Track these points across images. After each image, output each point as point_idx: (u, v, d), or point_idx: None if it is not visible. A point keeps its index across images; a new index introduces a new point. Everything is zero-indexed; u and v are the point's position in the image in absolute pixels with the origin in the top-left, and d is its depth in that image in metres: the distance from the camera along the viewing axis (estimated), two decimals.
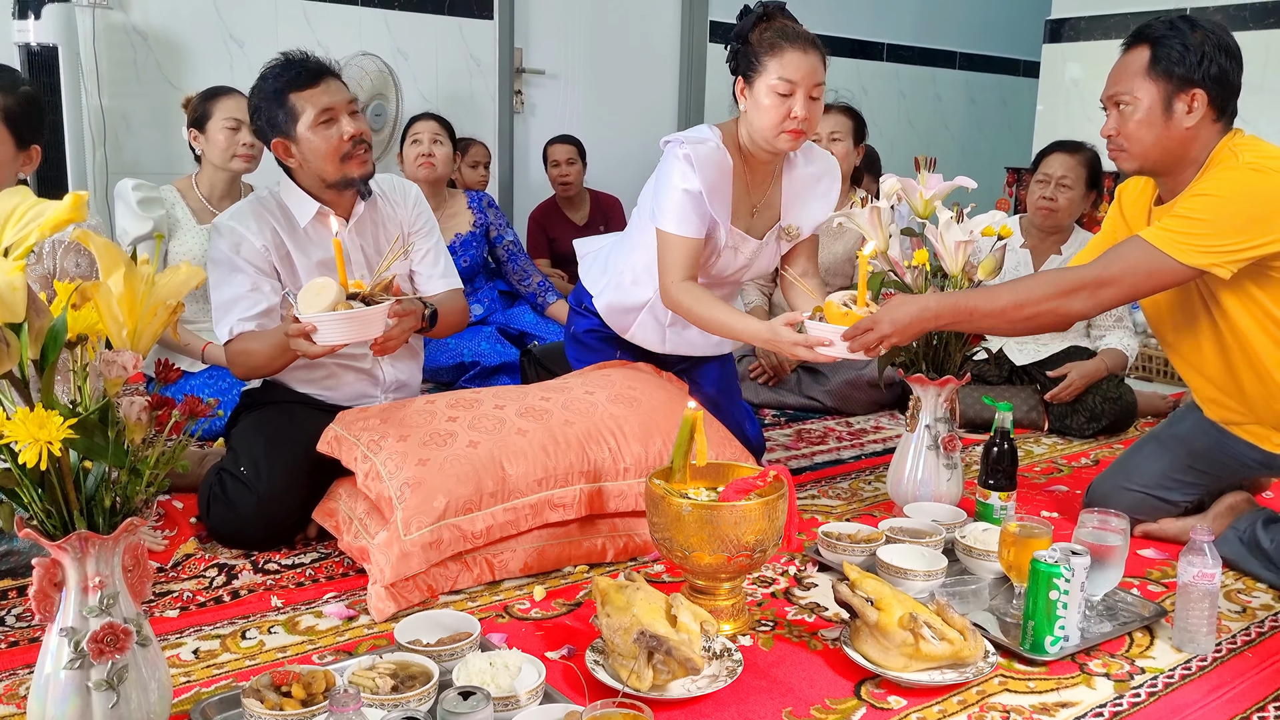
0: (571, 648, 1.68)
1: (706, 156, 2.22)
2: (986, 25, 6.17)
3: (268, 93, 2.16)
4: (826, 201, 2.40)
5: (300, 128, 2.15)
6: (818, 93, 2.18)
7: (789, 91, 2.14)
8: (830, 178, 2.42)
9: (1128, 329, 3.29)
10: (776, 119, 2.16)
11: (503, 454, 1.96)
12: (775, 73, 2.14)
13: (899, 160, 5.46)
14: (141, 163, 3.57)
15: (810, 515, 2.36)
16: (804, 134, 2.20)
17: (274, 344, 2.08)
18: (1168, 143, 1.94)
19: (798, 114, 2.14)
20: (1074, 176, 3.21)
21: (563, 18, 4.68)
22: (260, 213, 2.20)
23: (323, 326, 1.91)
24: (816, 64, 2.17)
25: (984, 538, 1.95)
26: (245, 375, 2.24)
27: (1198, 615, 1.70)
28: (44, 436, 1.09)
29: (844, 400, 3.36)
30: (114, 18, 3.50)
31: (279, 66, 2.18)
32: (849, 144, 3.38)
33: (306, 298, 1.91)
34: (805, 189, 2.39)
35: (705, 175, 2.21)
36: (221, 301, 2.18)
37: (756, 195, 2.35)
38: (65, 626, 1.21)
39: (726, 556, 1.67)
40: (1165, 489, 2.22)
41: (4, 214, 1.11)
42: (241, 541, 2.08)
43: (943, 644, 1.56)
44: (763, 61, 2.17)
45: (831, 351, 2.00)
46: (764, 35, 2.19)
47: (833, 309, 2.01)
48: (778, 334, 2.08)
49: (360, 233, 2.29)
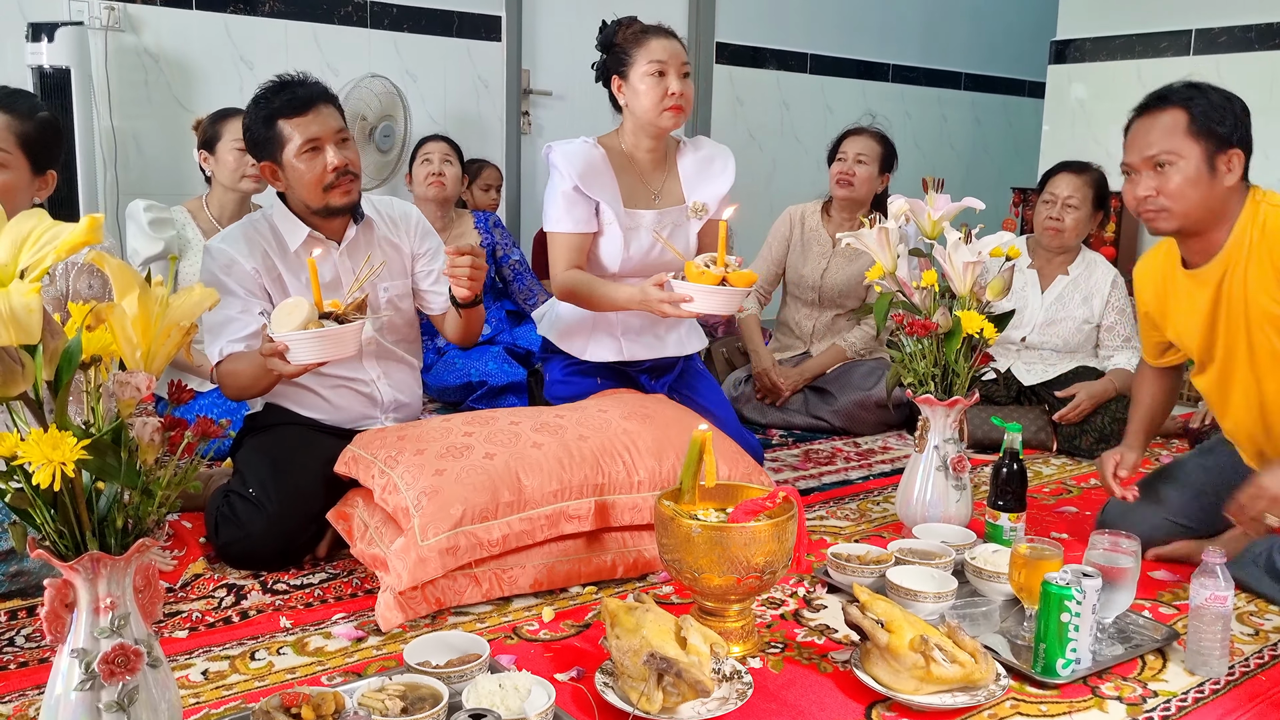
0: (581, 669, 1.68)
1: (573, 151, 2.47)
2: (992, 46, 6.20)
3: (258, 115, 2.17)
4: (725, 177, 2.61)
5: (286, 154, 2.16)
6: (686, 70, 2.44)
7: (662, 71, 2.40)
8: (723, 157, 2.63)
9: (1136, 349, 3.28)
10: (656, 98, 2.41)
11: (519, 466, 1.97)
12: (646, 59, 2.41)
13: (905, 181, 5.48)
14: (152, 183, 3.59)
15: (818, 536, 2.36)
16: (683, 110, 2.44)
17: (257, 364, 2.06)
18: (1211, 202, 1.95)
19: (674, 90, 2.40)
20: (1080, 197, 3.21)
21: (570, 39, 4.71)
22: (252, 235, 2.21)
23: (294, 345, 1.90)
24: (679, 47, 2.44)
25: (994, 559, 1.94)
26: (235, 396, 2.23)
27: (1210, 638, 1.69)
28: (57, 457, 1.09)
29: (852, 420, 3.36)
30: (126, 40, 3.53)
31: (272, 89, 2.18)
32: (874, 169, 3.39)
33: (279, 317, 1.91)
34: (701, 170, 2.61)
35: (574, 167, 2.44)
36: (213, 323, 2.18)
37: (654, 183, 2.57)
38: (76, 647, 1.21)
39: (736, 578, 1.67)
40: (1186, 516, 2.21)
41: (20, 236, 1.11)
42: (252, 562, 2.08)
43: (954, 667, 1.56)
44: (633, 55, 2.43)
45: (692, 307, 2.17)
46: (627, 35, 2.46)
47: (692, 269, 2.17)
48: (647, 294, 2.29)
49: (353, 255, 2.29)
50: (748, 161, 5.26)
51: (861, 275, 3.44)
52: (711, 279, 2.13)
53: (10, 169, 1.91)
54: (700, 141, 2.67)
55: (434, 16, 4.20)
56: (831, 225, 3.53)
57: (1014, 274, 2.26)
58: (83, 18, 3.39)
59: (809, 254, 3.53)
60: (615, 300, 2.42)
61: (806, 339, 3.58)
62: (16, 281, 1.09)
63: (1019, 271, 3.24)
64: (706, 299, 2.14)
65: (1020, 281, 3.27)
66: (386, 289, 2.33)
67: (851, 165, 3.38)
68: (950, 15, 5.97)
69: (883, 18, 5.68)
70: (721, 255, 2.16)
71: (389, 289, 2.34)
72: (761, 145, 5.32)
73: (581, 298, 2.48)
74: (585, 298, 2.48)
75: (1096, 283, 3.28)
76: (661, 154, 2.58)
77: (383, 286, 2.33)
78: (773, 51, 5.29)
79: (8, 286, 1.09)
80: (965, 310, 2.18)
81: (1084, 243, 3.37)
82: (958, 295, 2.23)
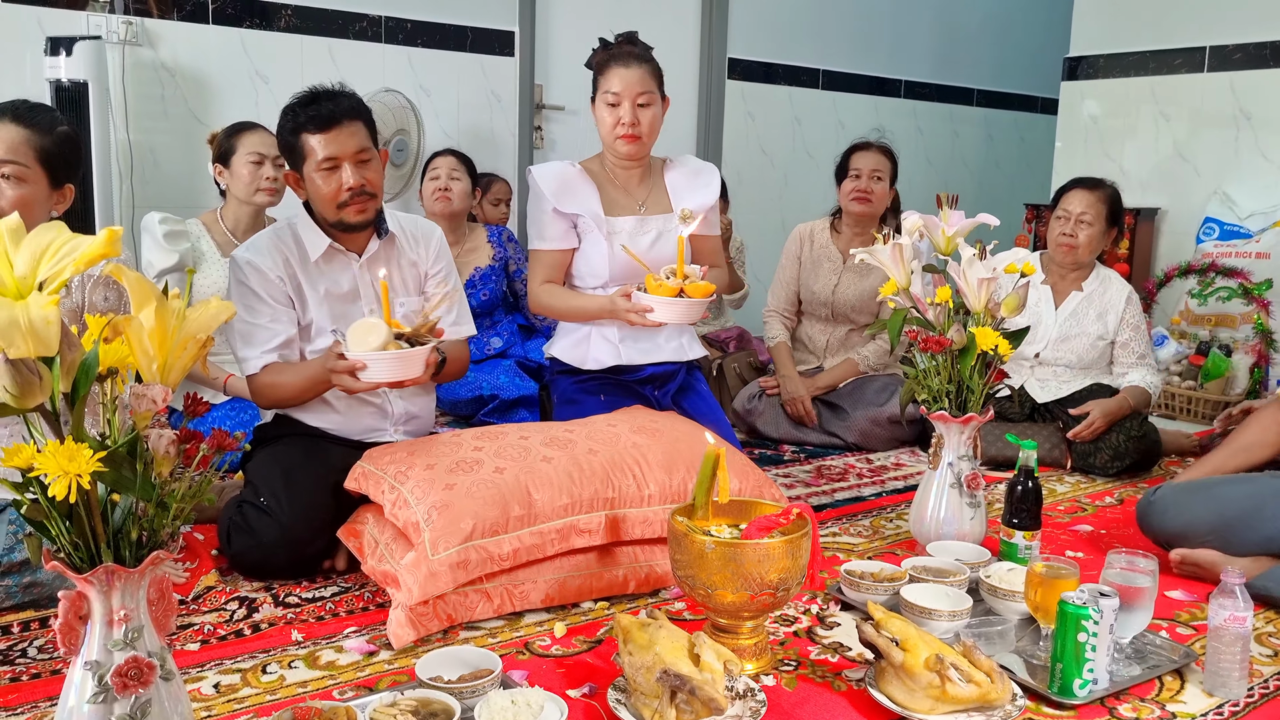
0: (593, 686, 1.67)
1: (548, 169, 2.59)
2: (1004, 62, 6.19)
3: (286, 125, 2.22)
4: (711, 189, 2.68)
5: (307, 168, 2.21)
6: (644, 99, 2.51)
7: (616, 102, 2.50)
8: (709, 172, 2.71)
9: (1150, 366, 3.26)
10: (609, 125, 2.53)
11: (529, 480, 1.97)
12: (604, 87, 2.52)
13: (917, 197, 5.47)
14: (167, 196, 3.61)
15: (832, 553, 2.34)
16: (637, 138, 2.53)
17: (308, 376, 2.15)
18: None
19: (625, 119, 2.50)
20: (1094, 213, 3.20)
21: (583, 54, 4.69)
22: (276, 244, 2.25)
23: (372, 365, 1.96)
24: (640, 75, 2.51)
25: (1009, 578, 1.92)
26: (271, 406, 2.27)
27: (1229, 659, 1.68)
28: (73, 469, 1.09)
29: (865, 437, 3.34)
30: (143, 55, 3.56)
31: (303, 100, 2.21)
32: (887, 184, 3.43)
33: (357, 336, 1.96)
34: (687, 182, 2.68)
35: (549, 185, 2.54)
36: (243, 333, 2.21)
37: (639, 194, 2.64)
38: (90, 660, 1.21)
39: (750, 595, 1.66)
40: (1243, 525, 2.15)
41: (39, 249, 1.12)
42: (266, 571, 2.08)
43: (970, 686, 1.54)
44: (597, 83, 2.55)
45: (653, 317, 2.28)
46: (597, 60, 2.57)
47: (650, 280, 2.27)
48: (615, 304, 2.38)
49: (372, 268, 2.31)
50: (759, 177, 5.27)
51: (873, 290, 3.44)
52: (669, 290, 2.24)
53: (29, 183, 1.93)
54: (687, 159, 2.75)
55: (448, 32, 4.22)
56: (841, 241, 3.53)
57: (1028, 290, 2.25)
58: (100, 32, 3.41)
59: (819, 270, 3.53)
60: (586, 309, 2.53)
61: (820, 354, 3.57)
62: (35, 294, 1.10)
63: (1033, 288, 3.23)
64: (665, 309, 2.26)
65: (1034, 298, 3.26)
66: (403, 304, 2.35)
67: (868, 183, 3.39)
68: (963, 31, 5.98)
69: (895, 34, 5.68)
70: (680, 267, 2.24)
71: (405, 304, 2.36)
72: (773, 160, 5.32)
73: (556, 309, 2.60)
74: (559, 309, 2.59)
75: (1111, 299, 3.26)
76: (641, 171, 2.64)
77: (398, 302, 2.34)
78: (785, 67, 5.30)
79: (26, 299, 1.09)
80: (979, 326, 2.18)
81: (1098, 259, 3.36)
82: (972, 311, 2.22)
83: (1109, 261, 3.48)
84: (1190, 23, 4.50)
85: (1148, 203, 4.59)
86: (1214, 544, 2.18)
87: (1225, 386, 3.93)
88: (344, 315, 2.29)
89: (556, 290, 2.58)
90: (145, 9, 3.54)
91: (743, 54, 5.12)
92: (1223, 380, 3.93)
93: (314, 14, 3.88)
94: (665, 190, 2.66)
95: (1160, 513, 2.28)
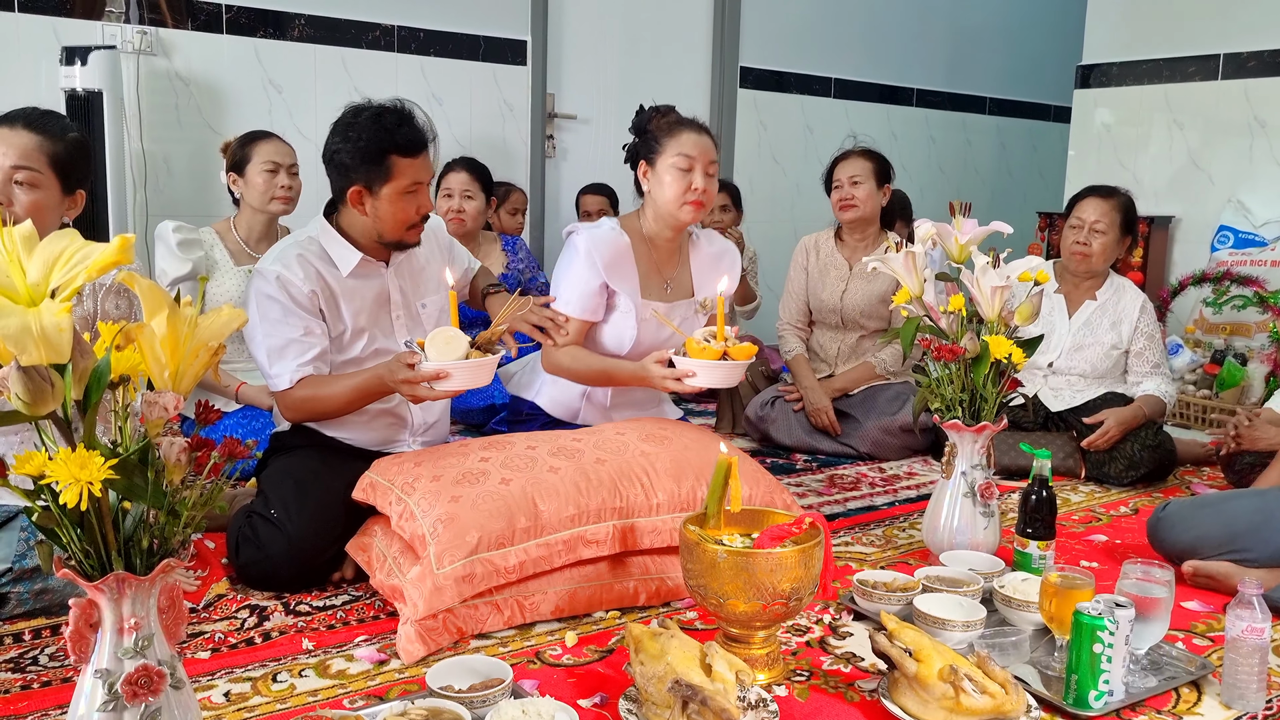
0: (604, 695, 1.66)
1: (601, 237, 2.47)
2: (1017, 71, 6.18)
3: (364, 141, 2.13)
4: (732, 275, 2.64)
5: (387, 188, 2.16)
6: (713, 169, 2.44)
7: (689, 167, 2.40)
8: (730, 256, 2.67)
9: (1165, 375, 3.24)
10: (679, 191, 2.41)
11: (535, 491, 1.96)
12: (675, 150, 2.41)
13: (930, 205, 5.47)
14: (181, 205, 3.63)
15: (844, 562, 2.33)
16: (704, 205, 2.44)
17: (355, 387, 2.14)
18: None
19: (698, 186, 2.40)
20: (1108, 221, 3.18)
21: (595, 63, 4.74)
22: (304, 258, 2.20)
23: (456, 373, 1.98)
24: (709, 144, 2.45)
25: (1023, 588, 1.91)
26: (306, 419, 2.25)
27: (1247, 671, 1.66)
28: (85, 477, 1.09)
29: (878, 446, 3.33)
30: (157, 64, 3.58)
31: (393, 119, 2.16)
32: (871, 185, 3.41)
33: (438, 346, 1.98)
34: (711, 265, 2.63)
35: (602, 255, 2.45)
36: (274, 346, 2.16)
37: (667, 273, 2.58)
38: (100, 668, 1.20)
39: (762, 604, 1.65)
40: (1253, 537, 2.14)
41: (52, 256, 1.12)
42: (271, 583, 2.07)
43: (984, 698, 1.53)
44: (663, 144, 2.43)
45: (695, 382, 2.22)
46: (661, 123, 2.47)
47: (692, 344, 2.20)
48: (648, 370, 2.33)
49: (399, 274, 2.33)
50: (771, 186, 5.27)
51: (881, 295, 3.43)
52: (713, 354, 2.18)
53: (42, 189, 1.94)
54: (712, 236, 2.70)
55: (460, 41, 4.24)
56: (846, 249, 3.54)
57: (1042, 298, 2.24)
58: (115, 42, 3.44)
59: (827, 279, 3.53)
60: (616, 375, 2.46)
61: (832, 362, 3.57)
62: (47, 301, 1.10)
63: (1046, 296, 3.21)
64: (709, 373, 2.20)
65: (1047, 307, 3.24)
66: (425, 305, 2.36)
67: (848, 189, 3.40)
68: (975, 40, 5.97)
69: (906, 42, 5.68)
70: (720, 330, 2.19)
71: (427, 305, 2.37)
72: (785, 170, 5.32)
73: (576, 372, 2.51)
74: (581, 373, 2.50)
75: (1125, 308, 3.24)
76: (677, 244, 2.59)
77: (420, 304, 2.36)
78: (796, 76, 5.30)
79: (39, 306, 1.09)
80: (993, 335, 2.16)
81: (1112, 267, 3.34)
82: (985, 320, 2.21)
83: (1123, 270, 3.46)
84: (1204, 30, 4.48)
85: (1162, 211, 4.57)
86: (1225, 558, 2.16)
87: (1240, 395, 3.90)
88: (376, 324, 2.28)
89: (580, 353, 2.50)
90: (160, 19, 3.56)
91: (755, 63, 5.13)
92: (1238, 389, 3.90)
93: (327, 24, 3.90)
94: (690, 273, 2.62)
95: (1169, 529, 2.27)
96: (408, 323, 2.34)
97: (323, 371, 2.20)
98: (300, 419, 2.25)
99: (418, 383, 2.01)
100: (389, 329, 2.31)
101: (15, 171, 1.91)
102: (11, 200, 1.91)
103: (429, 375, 1.99)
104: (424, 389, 2.02)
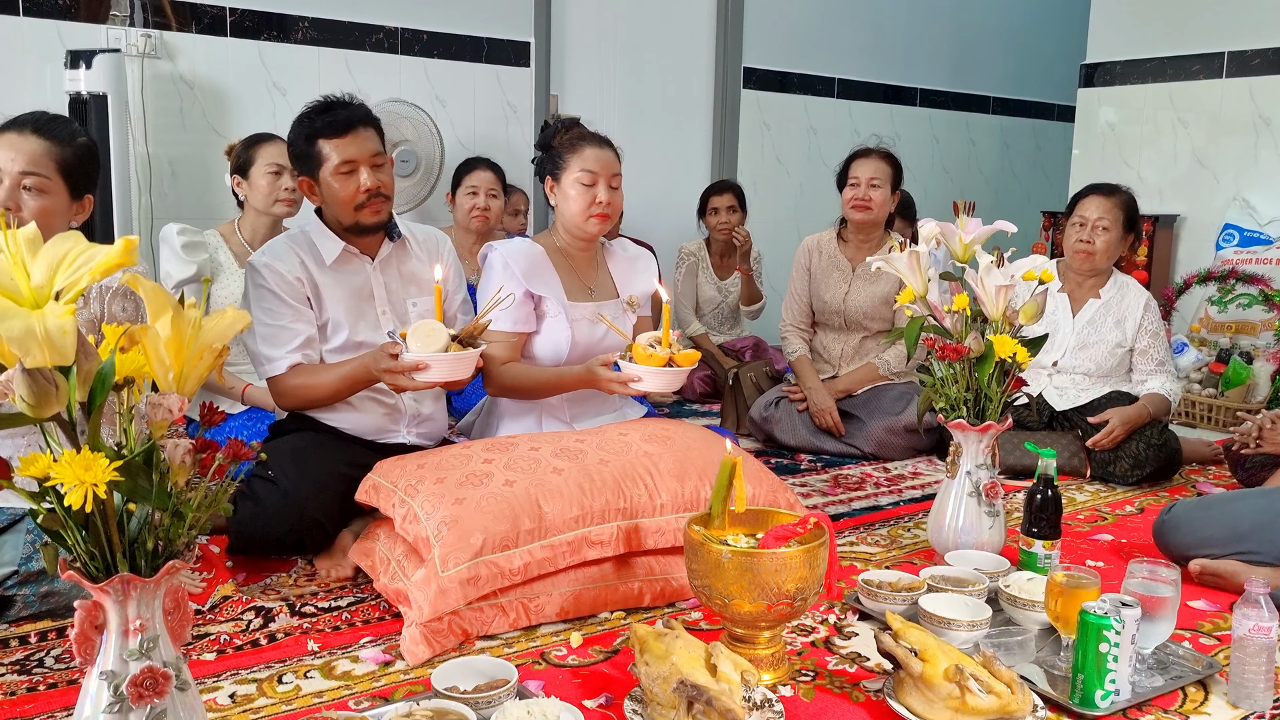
0: (609, 696, 1.66)
1: (515, 248, 2.49)
2: (1020, 70, 6.17)
3: (301, 132, 2.28)
4: (650, 274, 2.69)
5: (323, 172, 2.27)
6: (616, 182, 2.48)
7: (592, 181, 2.43)
8: (645, 259, 2.71)
9: (1170, 373, 3.23)
10: (584, 205, 2.44)
11: (539, 492, 1.96)
12: (578, 166, 2.44)
13: (933, 205, 5.46)
14: (185, 208, 3.63)
15: (849, 562, 2.33)
16: (609, 217, 2.46)
17: (343, 376, 2.22)
18: None
19: (601, 199, 2.44)
20: (1111, 219, 3.18)
21: (598, 65, 4.74)
22: (292, 248, 2.30)
23: (434, 365, 2.03)
24: (612, 158, 2.48)
25: (1029, 587, 1.91)
26: (298, 407, 2.32)
27: (1254, 670, 1.65)
28: (89, 479, 1.09)
29: (882, 446, 3.33)
30: (162, 67, 3.59)
31: (317, 109, 2.29)
32: (887, 190, 3.40)
33: (418, 338, 2.03)
34: (629, 267, 2.67)
35: (519, 264, 2.46)
36: (266, 335, 2.25)
37: (588, 278, 2.59)
38: (105, 670, 1.20)
39: (767, 605, 1.64)
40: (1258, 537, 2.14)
41: (56, 258, 1.12)
42: (267, 541, 2.14)
43: (990, 697, 1.53)
44: (566, 160, 2.47)
45: (640, 387, 2.22)
46: (565, 139, 2.50)
47: (638, 350, 2.22)
48: (595, 373, 2.33)
49: (385, 271, 2.39)
50: (775, 186, 5.27)
51: (883, 295, 3.43)
52: (658, 360, 2.20)
53: (51, 194, 1.94)
54: (624, 243, 2.73)
55: (464, 43, 4.24)
56: (848, 249, 3.53)
57: (1046, 297, 2.23)
58: (120, 45, 3.44)
59: (829, 280, 3.53)
60: (562, 382, 2.44)
61: (835, 363, 3.56)
62: (51, 303, 1.10)
63: (1050, 295, 3.21)
64: (654, 378, 2.21)
65: (1051, 306, 3.23)
66: (415, 304, 2.41)
67: (866, 190, 3.39)
68: (978, 39, 5.96)
69: (910, 42, 5.67)
70: (665, 336, 2.22)
71: (418, 304, 2.42)
72: (789, 170, 5.31)
73: (524, 388, 2.47)
74: (528, 387, 2.47)
75: (1129, 306, 3.24)
76: (592, 253, 2.61)
77: (411, 302, 2.41)
78: (800, 76, 5.30)
79: (43, 308, 1.09)
80: (997, 334, 2.16)
81: (1115, 266, 3.33)
82: (989, 319, 2.21)
83: (1127, 269, 3.45)
84: (1208, 28, 4.47)
85: (1166, 210, 4.56)
86: (1232, 558, 2.16)
87: (1246, 394, 3.90)
88: (360, 316, 2.35)
89: (522, 368, 2.47)
90: (164, 22, 3.57)
91: (758, 63, 5.13)
92: (1243, 388, 3.89)
93: (331, 26, 3.91)
94: (610, 276, 2.64)
95: (1174, 530, 2.26)
96: (395, 319, 2.39)
97: (312, 359, 2.29)
98: (292, 406, 2.31)
99: (399, 373, 2.07)
100: (375, 323, 2.37)
101: (24, 177, 1.91)
102: (19, 206, 1.91)
103: (409, 366, 2.05)
104: (405, 379, 2.08)
